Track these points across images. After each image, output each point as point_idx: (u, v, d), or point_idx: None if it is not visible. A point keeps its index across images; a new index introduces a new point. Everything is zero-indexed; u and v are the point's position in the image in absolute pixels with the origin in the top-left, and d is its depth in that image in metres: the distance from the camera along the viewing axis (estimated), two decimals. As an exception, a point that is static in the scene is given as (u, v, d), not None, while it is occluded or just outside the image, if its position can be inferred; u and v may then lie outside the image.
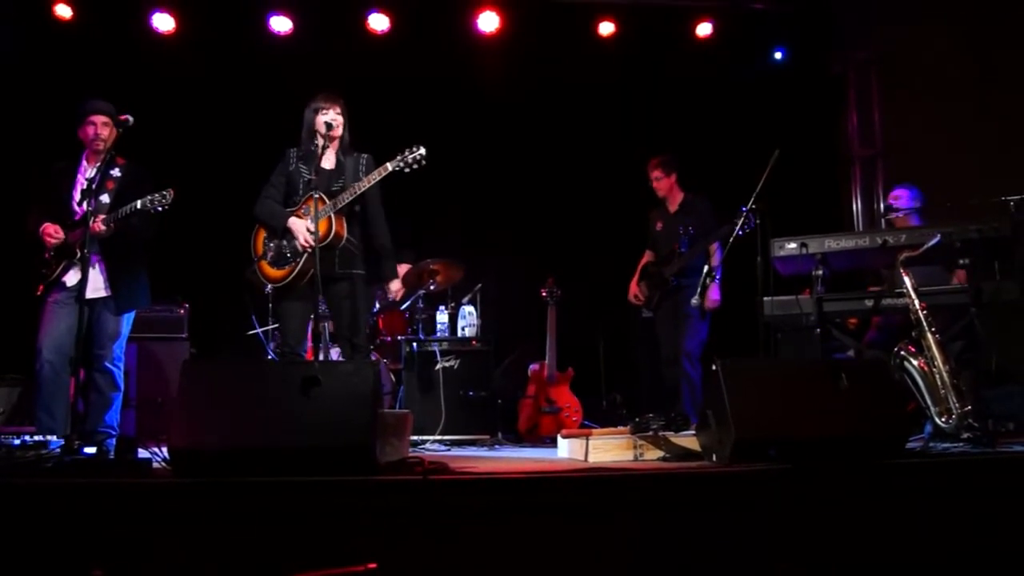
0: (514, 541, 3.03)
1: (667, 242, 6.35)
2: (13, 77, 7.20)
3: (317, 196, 4.59)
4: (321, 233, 4.51)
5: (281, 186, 4.82)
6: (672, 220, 6.40)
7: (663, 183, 6.42)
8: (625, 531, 3.08)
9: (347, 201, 4.59)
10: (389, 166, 4.65)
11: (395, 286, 5.09)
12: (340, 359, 5.52)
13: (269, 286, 4.76)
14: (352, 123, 4.90)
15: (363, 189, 4.62)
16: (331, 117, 4.76)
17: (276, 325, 6.55)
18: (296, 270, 4.63)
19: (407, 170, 4.65)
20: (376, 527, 2.97)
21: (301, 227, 4.62)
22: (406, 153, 4.64)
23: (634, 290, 6.52)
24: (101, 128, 4.87)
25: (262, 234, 4.83)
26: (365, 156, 4.83)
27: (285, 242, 4.68)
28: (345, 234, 4.65)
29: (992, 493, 3.33)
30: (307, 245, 4.58)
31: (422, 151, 4.63)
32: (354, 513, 2.99)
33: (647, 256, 6.59)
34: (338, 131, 4.79)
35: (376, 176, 4.65)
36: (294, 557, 2.88)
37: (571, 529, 3.07)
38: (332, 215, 4.56)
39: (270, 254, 4.74)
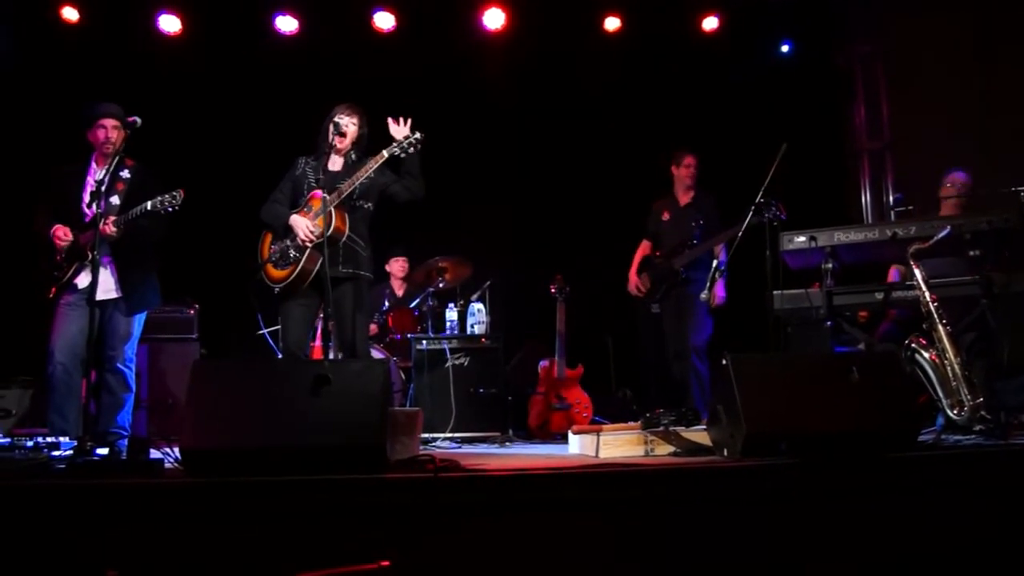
0: (526, 537, 3.03)
1: (674, 234, 6.35)
2: (20, 79, 7.23)
3: (323, 195, 4.59)
4: (322, 228, 4.52)
5: (288, 191, 4.84)
6: (682, 213, 6.40)
7: (696, 170, 6.42)
8: (636, 526, 3.08)
9: (347, 192, 4.59)
10: (385, 153, 4.66)
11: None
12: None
13: (277, 288, 4.76)
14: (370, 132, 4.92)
15: (360, 180, 4.62)
16: (344, 122, 4.76)
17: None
18: (297, 270, 4.61)
19: (403, 155, 4.65)
20: (388, 525, 2.97)
21: (302, 223, 4.62)
22: (402, 139, 4.64)
23: (634, 281, 6.52)
24: (111, 131, 4.87)
25: (268, 238, 4.84)
26: (371, 158, 4.83)
27: (288, 241, 4.69)
28: (346, 229, 4.64)
29: (1005, 485, 3.32)
30: (307, 240, 4.58)
31: (417, 135, 4.64)
32: (366, 511, 3.00)
33: (645, 247, 6.58)
34: (347, 139, 4.79)
35: (373, 164, 4.65)
36: (306, 555, 2.89)
37: (582, 525, 3.07)
38: (332, 209, 4.56)
39: (275, 256, 4.74)
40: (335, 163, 4.83)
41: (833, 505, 3.20)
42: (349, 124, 4.79)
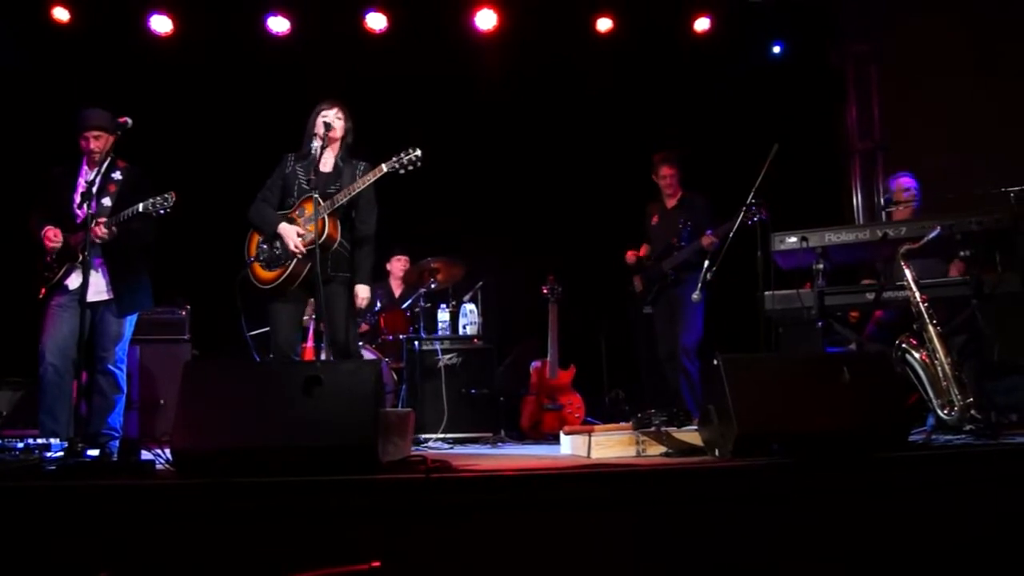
0: (517, 538, 3.03)
1: (663, 236, 6.38)
2: (12, 80, 7.21)
3: (315, 197, 4.58)
4: (313, 235, 4.51)
5: (277, 190, 4.81)
6: (670, 215, 6.43)
7: (675, 179, 6.45)
8: (628, 527, 3.09)
9: (342, 202, 4.59)
10: (384, 167, 4.64)
11: (363, 293, 4.83)
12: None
13: (265, 288, 4.75)
14: (354, 126, 4.91)
15: (358, 190, 4.61)
16: (331, 118, 4.75)
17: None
18: (287, 273, 4.61)
19: (402, 171, 4.64)
20: (379, 526, 2.97)
21: (291, 232, 4.61)
22: (401, 155, 4.63)
23: (632, 254, 6.54)
24: (93, 143, 4.89)
25: (256, 236, 4.81)
26: (363, 163, 4.83)
27: (278, 243, 4.68)
28: (338, 236, 4.65)
29: (995, 485, 3.33)
30: (297, 251, 4.57)
31: (418, 153, 4.62)
32: (357, 512, 2.99)
33: (645, 249, 6.61)
34: (337, 132, 4.78)
35: (371, 177, 4.64)
36: (298, 556, 2.89)
37: (574, 525, 3.07)
38: (326, 217, 4.56)
39: (263, 256, 4.73)
40: (326, 163, 4.82)
41: (824, 505, 3.21)
42: (335, 119, 4.79)
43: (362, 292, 4.83)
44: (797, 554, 3.13)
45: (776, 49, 8.33)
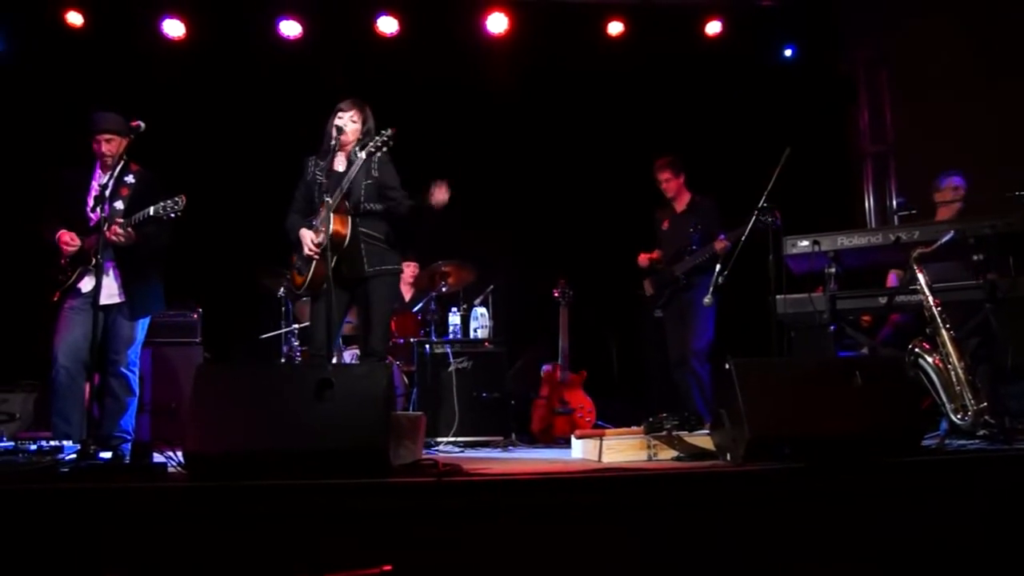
0: (528, 542, 3.02)
1: (674, 241, 6.36)
2: (26, 83, 7.25)
3: (327, 200, 4.62)
4: (325, 236, 4.56)
5: (303, 197, 4.88)
6: (679, 220, 6.41)
7: (672, 184, 6.44)
8: (639, 531, 3.08)
9: (338, 198, 4.63)
10: (362, 154, 4.69)
11: (440, 194, 4.87)
12: (354, 362, 5.56)
13: (280, 290, 4.82)
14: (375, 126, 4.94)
15: (349, 182, 4.66)
16: (344, 121, 4.78)
17: (287, 329, 6.62)
18: (309, 276, 4.70)
19: (377, 153, 4.69)
20: (390, 529, 2.97)
21: (306, 237, 4.70)
22: (376, 139, 4.69)
23: (644, 257, 6.53)
24: (105, 146, 4.90)
25: None
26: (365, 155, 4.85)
27: (304, 249, 4.74)
28: (347, 232, 4.64)
29: (1008, 490, 3.31)
30: (311, 252, 4.64)
31: (389, 132, 4.68)
32: (368, 515, 2.99)
33: (658, 254, 6.60)
34: (348, 137, 4.80)
35: (355, 168, 4.69)
36: (309, 559, 2.89)
37: (585, 529, 3.07)
38: (331, 215, 4.59)
39: (298, 263, 4.86)
40: (339, 163, 4.85)
41: (836, 509, 3.20)
42: (349, 122, 4.80)
43: (438, 194, 4.89)
44: (809, 558, 3.12)
45: (788, 52, 8.31)
